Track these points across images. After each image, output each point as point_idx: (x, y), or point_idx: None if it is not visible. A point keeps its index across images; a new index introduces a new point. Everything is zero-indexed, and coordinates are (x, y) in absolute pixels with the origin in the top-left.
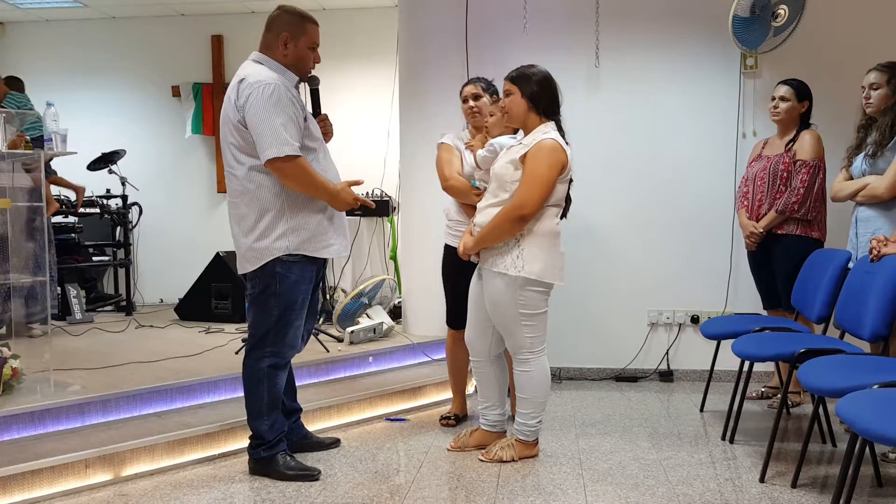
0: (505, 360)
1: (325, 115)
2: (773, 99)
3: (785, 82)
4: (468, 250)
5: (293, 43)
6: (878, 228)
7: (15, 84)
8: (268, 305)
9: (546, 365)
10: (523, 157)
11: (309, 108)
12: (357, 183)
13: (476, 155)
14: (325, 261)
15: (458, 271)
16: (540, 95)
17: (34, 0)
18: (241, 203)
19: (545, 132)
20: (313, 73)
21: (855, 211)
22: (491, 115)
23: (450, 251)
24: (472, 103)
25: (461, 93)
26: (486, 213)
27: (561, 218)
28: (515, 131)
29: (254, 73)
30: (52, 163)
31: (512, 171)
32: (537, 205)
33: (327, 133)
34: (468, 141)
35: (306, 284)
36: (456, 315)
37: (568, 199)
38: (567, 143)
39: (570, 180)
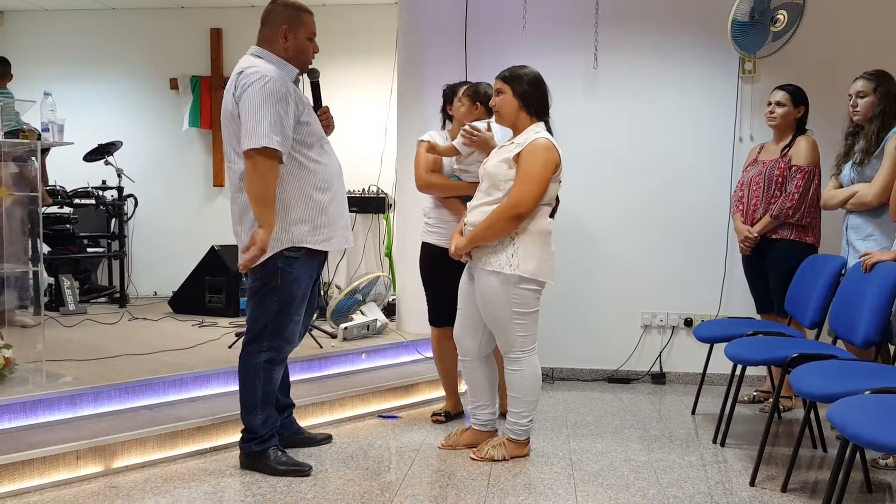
0: (494, 359)
1: (327, 108)
2: (770, 104)
3: (781, 87)
4: (460, 249)
5: (293, 35)
6: (868, 235)
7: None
8: (267, 300)
9: (537, 364)
10: (517, 157)
11: (309, 101)
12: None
13: (454, 144)
14: (325, 255)
15: (438, 269)
16: (531, 95)
17: None
18: (241, 197)
19: (537, 132)
20: (313, 64)
21: (846, 219)
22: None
23: (428, 249)
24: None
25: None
26: (479, 211)
27: (549, 217)
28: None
29: (252, 66)
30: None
31: (505, 170)
32: (533, 203)
33: (329, 126)
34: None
35: (306, 280)
36: (438, 313)
37: (557, 200)
38: (557, 144)
39: (560, 181)
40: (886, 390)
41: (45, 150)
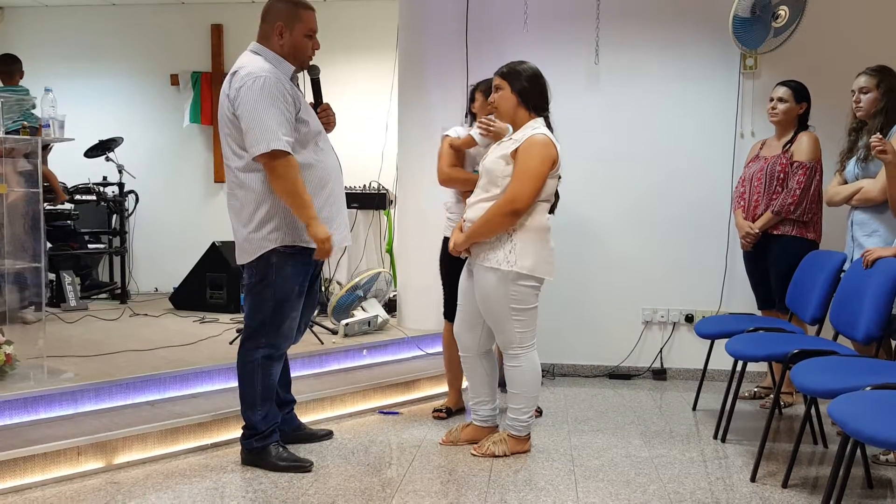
0: (494, 355)
1: (328, 105)
2: (772, 100)
3: (783, 83)
4: (459, 246)
5: (288, 31)
6: (874, 231)
7: (8, 66)
8: (263, 296)
9: (536, 360)
10: (514, 153)
11: (309, 99)
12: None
13: (471, 134)
14: None
15: (456, 264)
16: (529, 91)
17: None
18: (237, 194)
19: (535, 128)
20: (314, 62)
21: (851, 214)
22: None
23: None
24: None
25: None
26: (477, 208)
27: (549, 213)
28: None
29: (247, 65)
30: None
31: (503, 167)
32: (529, 199)
33: (329, 123)
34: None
35: (303, 276)
36: (453, 307)
37: (556, 196)
38: (556, 140)
39: (559, 177)
40: (887, 386)
41: (45, 147)
